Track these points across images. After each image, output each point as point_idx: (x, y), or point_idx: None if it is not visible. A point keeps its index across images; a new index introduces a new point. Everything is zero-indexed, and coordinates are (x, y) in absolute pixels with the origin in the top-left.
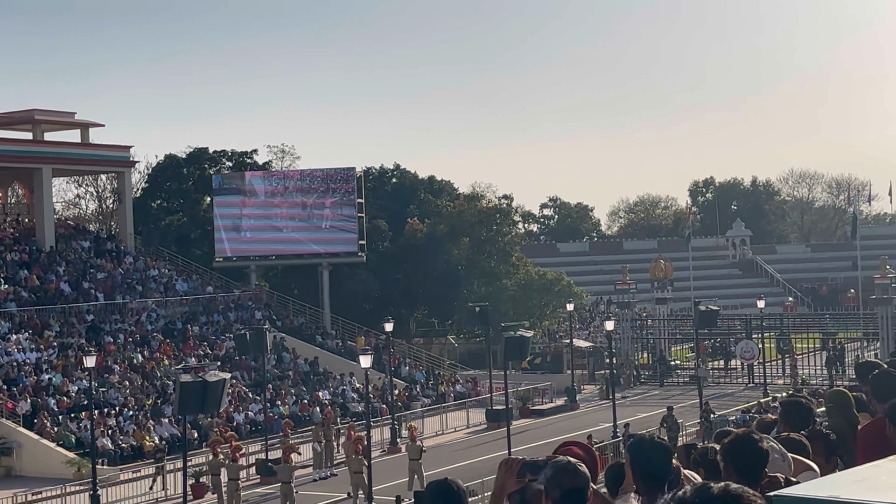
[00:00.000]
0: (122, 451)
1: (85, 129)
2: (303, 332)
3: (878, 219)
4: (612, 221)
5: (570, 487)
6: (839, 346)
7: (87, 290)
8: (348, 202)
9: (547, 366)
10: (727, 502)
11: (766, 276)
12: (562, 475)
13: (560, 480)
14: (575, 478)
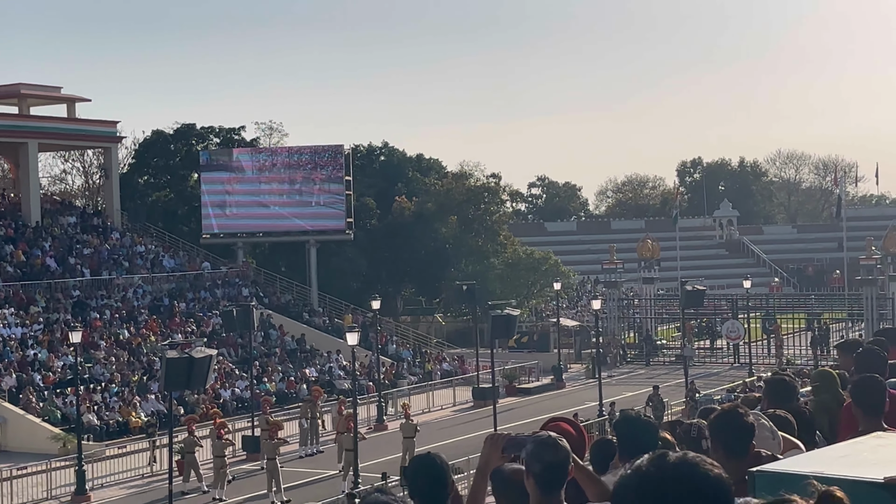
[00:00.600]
0: (107, 426)
1: (71, 104)
2: (290, 309)
3: (864, 200)
4: (600, 201)
5: (550, 462)
6: (824, 326)
7: (74, 265)
8: (336, 179)
9: (533, 344)
10: (683, 471)
11: (753, 256)
12: (541, 450)
13: (540, 455)
14: (555, 452)
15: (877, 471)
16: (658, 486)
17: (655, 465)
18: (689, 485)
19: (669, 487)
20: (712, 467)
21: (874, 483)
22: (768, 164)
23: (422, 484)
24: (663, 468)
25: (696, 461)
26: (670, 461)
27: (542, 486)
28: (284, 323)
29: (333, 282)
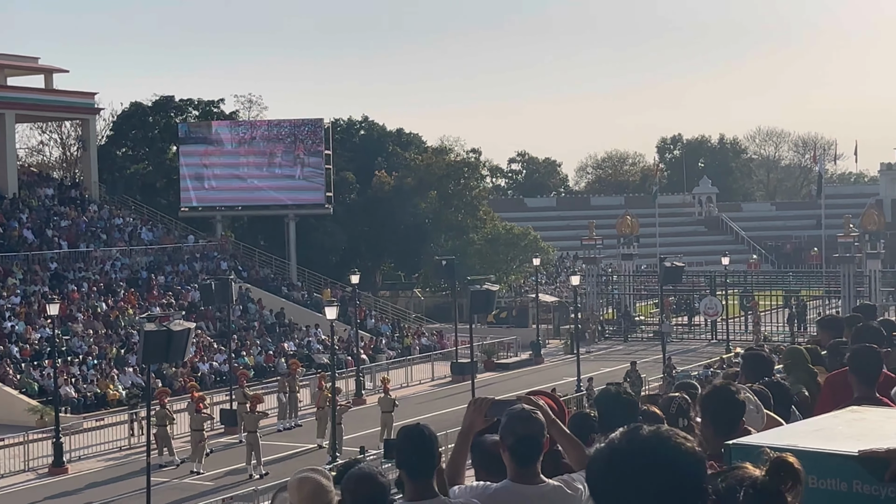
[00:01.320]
0: (85, 399)
1: (49, 75)
2: (268, 283)
3: (843, 178)
4: (580, 177)
5: (524, 434)
6: (802, 303)
7: (51, 237)
8: (316, 153)
9: (512, 320)
10: (655, 444)
11: (732, 233)
12: (515, 422)
13: (513, 428)
14: (528, 425)
15: (851, 444)
16: (630, 460)
17: (628, 438)
18: (661, 458)
19: (641, 460)
20: (685, 441)
21: (848, 456)
22: (748, 141)
23: (410, 454)
24: (635, 441)
25: (668, 435)
26: (643, 434)
27: (516, 459)
28: (263, 297)
29: (312, 256)
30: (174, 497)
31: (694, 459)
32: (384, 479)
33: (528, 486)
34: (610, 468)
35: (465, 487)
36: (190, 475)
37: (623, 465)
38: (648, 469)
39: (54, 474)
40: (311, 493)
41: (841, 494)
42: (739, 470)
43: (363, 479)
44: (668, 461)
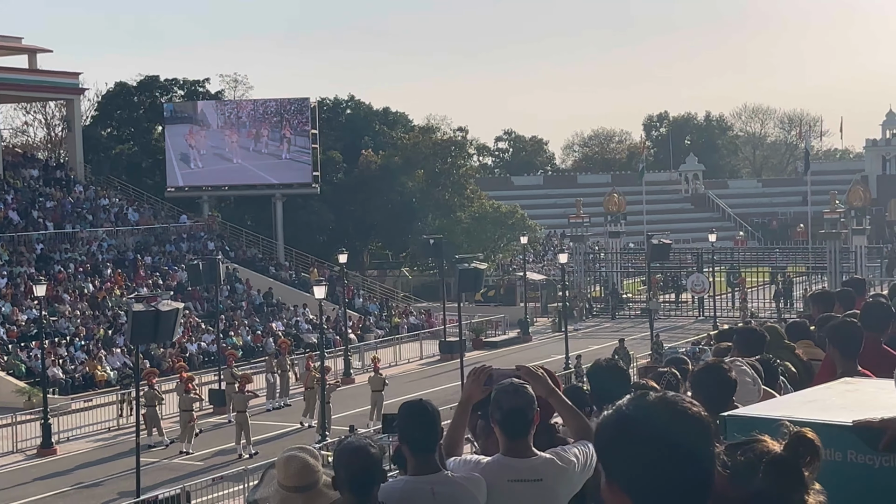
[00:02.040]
0: (73, 380)
1: (32, 55)
2: (256, 263)
3: (829, 154)
4: (567, 155)
5: (510, 408)
6: (788, 279)
7: (37, 218)
8: (302, 133)
9: (500, 298)
10: (661, 409)
11: (718, 210)
12: (502, 396)
13: (500, 402)
14: (514, 398)
15: (845, 414)
16: (637, 425)
17: (635, 403)
18: (669, 422)
19: (648, 425)
20: (691, 405)
21: (843, 426)
22: (734, 118)
23: (412, 429)
24: (642, 407)
25: (675, 399)
26: (649, 400)
27: (506, 433)
28: (251, 277)
29: (300, 236)
30: (164, 477)
31: (701, 423)
32: (376, 450)
33: (519, 459)
34: (618, 434)
35: (459, 460)
36: (179, 455)
37: (631, 431)
38: (656, 434)
39: (43, 455)
40: (298, 471)
41: (836, 464)
42: (759, 444)
43: (356, 451)
44: (675, 425)
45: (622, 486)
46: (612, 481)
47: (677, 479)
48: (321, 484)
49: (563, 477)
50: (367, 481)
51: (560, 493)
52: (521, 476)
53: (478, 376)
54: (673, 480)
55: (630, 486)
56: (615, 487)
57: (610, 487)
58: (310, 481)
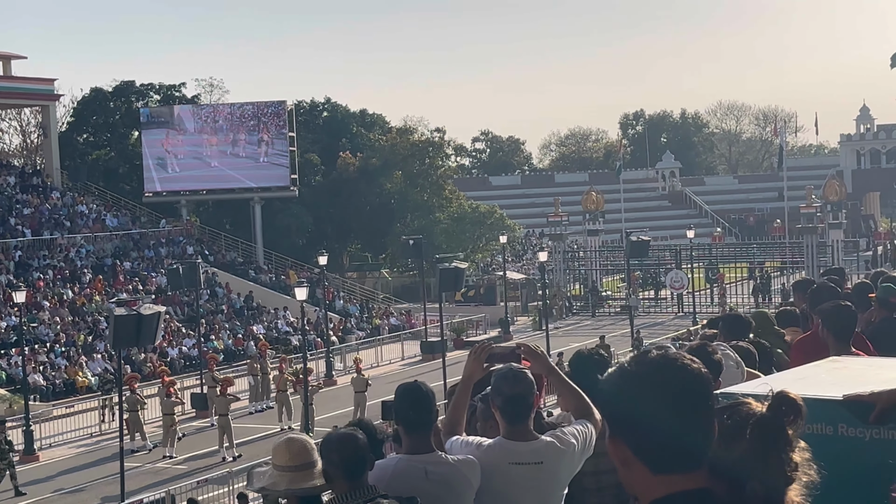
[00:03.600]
0: (54, 387)
1: (7, 61)
2: (235, 266)
3: (804, 150)
4: (544, 155)
5: (511, 394)
6: (766, 274)
7: (14, 226)
8: (280, 136)
9: (480, 298)
10: (662, 365)
11: (695, 207)
12: (502, 382)
13: (501, 388)
14: (515, 384)
15: (835, 390)
16: (639, 380)
17: (636, 361)
18: (669, 377)
19: (648, 381)
20: (691, 362)
21: (833, 401)
22: (709, 115)
23: (407, 409)
24: (643, 363)
25: (675, 356)
26: (650, 356)
27: (507, 417)
28: (230, 281)
29: (279, 239)
30: (147, 481)
31: (701, 378)
32: (363, 437)
33: (520, 442)
34: (620, 390)
35: (461, 441)
36: (163, 459)
37: (632, 386)
38: (657, 388)
39: (25, 462)
40: (300, 450)
41: (827, 438)
42: (744, 406)
43: (344, 438)
44: (675, 380)
45: (625, 441)
46: (615, 436)
47: (678, 433)
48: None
49: (564, 459)
50: (359, 466)
51: (561, 475)
52: (522, 459)
53: (478, 355)
54: (673, 435)
55: (632, 441)
56: (618, 441)
57: (613, 441)
58: (312, 459)
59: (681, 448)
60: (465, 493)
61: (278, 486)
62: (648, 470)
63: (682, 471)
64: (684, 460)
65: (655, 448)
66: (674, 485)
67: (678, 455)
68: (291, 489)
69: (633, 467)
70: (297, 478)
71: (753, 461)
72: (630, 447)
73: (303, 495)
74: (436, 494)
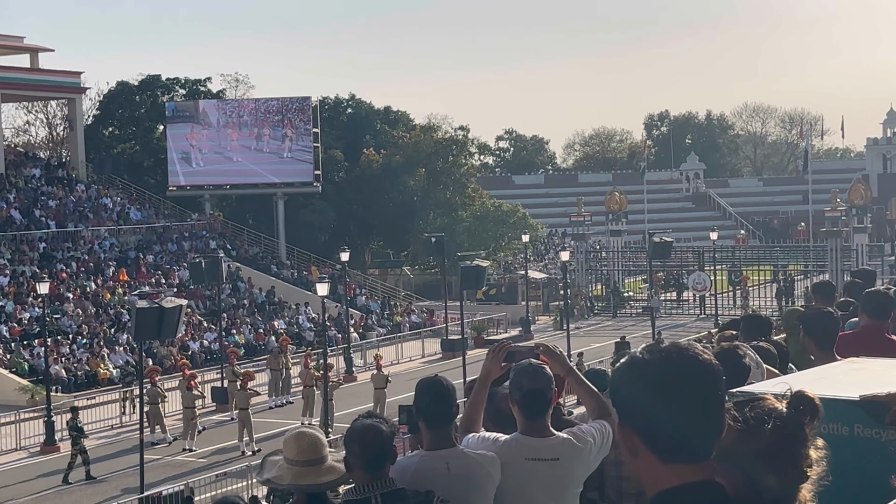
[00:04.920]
0: (76, 378)
1: (34, 54)
2: (258, 261)
3: (829, 153)
4: (568, 154)
5: (530, 388)
6: (789, 277)
7: (39, 217)
8: (304, 132)
9: (502, 297)
10: (673, 354)
11: (719, 209)
12: (521, 377)
13: (520, 382)
14: (534, 378)
15: (852, 390)
16: (648, 368)
17: (647, 350)
18: (679, 366)
19: (659, 369)
20: (702, 352)
21: (850, 401)
22: (735, 117)
23: (428, 403)
24: (655, 352)
25: (686, 346)
26: (662, 346)
27: (524, 412)
28: (252, 275)
29: (301, 234)
30: (167, 474)
31: (712, 369)
32: (387, 429)
33: (537, 438)
34: (630, 377)
35: (478, 437)
36: (182, 452)
37: (642, 374)
38: (666, 378)
39: (46, 453)
40: (310, 445)
41: (843, 438)
42: (764, 401)
43: (368, 429)
44: (685, 369)
45: (634, 429)
46: (625, 424)
47: (686, 422)
48: (330, 459)
49: (580, 457)
50: (380, 458)
51: (577, 472)
52: (539, 455)
53: (497, 353)
54: (683, 425)
55: (641, 429)
56: (627, 430)
57: (622, 430)
58: (321, 455)
59: (689, 437)
60: (486, 486)
61: (283, 479)
62: (657, 459)
63: (690, 460)
64: (692, 450)
65: (663, 436)
66: (682, 475)
67: (686, 444)
68: (295, 484)
69: (641, 456)
70: (302, 473)
71: (771, 456)
72: (638, 435)
73: (307, 491)
74: (458, 488)
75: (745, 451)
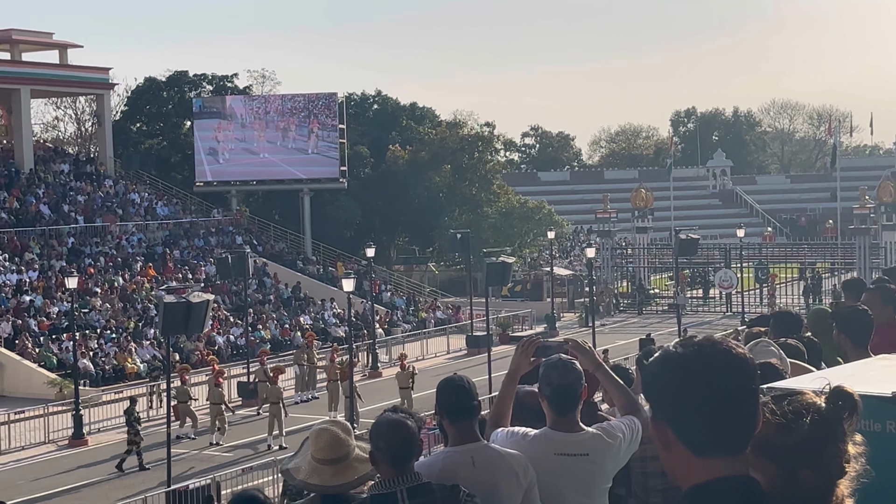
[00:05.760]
0: (103, 372)
1: (63, 50)
2: (284, 257)
3: (858, 150)
4: (594, 151)
5: (559, 384)
6: (816, 275)
7: (67, 212)
8: (330, 127)
9: (527, 293)
10: (706, 348)
11: (746, 206)
12: (551, 372)
13: (549, 378)
14: (564, 374)
15: (885, 386)
16: (681, 362)
17: (680, 345)
18: (712, 360)
19: (690, 362)
20: (735, 346)
21: (882, 397)
22: (762, 114)
23: (449, 398)
24: (688, 346)
25: (719, 340)
26: (695, 341)
27: (554, 408)
28: (278, 271)
29: (327, 230)
30: (194, 468)
31: (745, 363)
32: (414, 424)
33: (567, 433)
34: (662, 371)
35: (507, 432)
36: (209, 447)
37: (675, 369)
38: (699, 372)
39: (74, 446)
40: (328, 444)
41: (875, 434)
42: (803, 395)
43: (395, 424)
44: (717, 363)
45: (667, 422)
46: (658, 417)
47: (719, 415)
48: (352, 458)
49: (610, 452)
50: (406, 454)
51: (606, 467)
52: (568, 450)
53: (526, 348)
54: (716, 418)
55: (673, 422)
56: (660, 424)
57: (655, 423)
58: (340, 454)
59: (722, 431)
60: (511, 483)
61: (300, 473)
62: (690, 452)
63: (724, 454)
64: (726, 443)
65: (696, 429)
66: (716, 469)
67: (719, 437)
68: (305, 482)
69: (674, 450)
70: (318, 470)
71: (808, 451)
72: (672, 428)
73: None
74: (482, 483)
75: (782, 445)
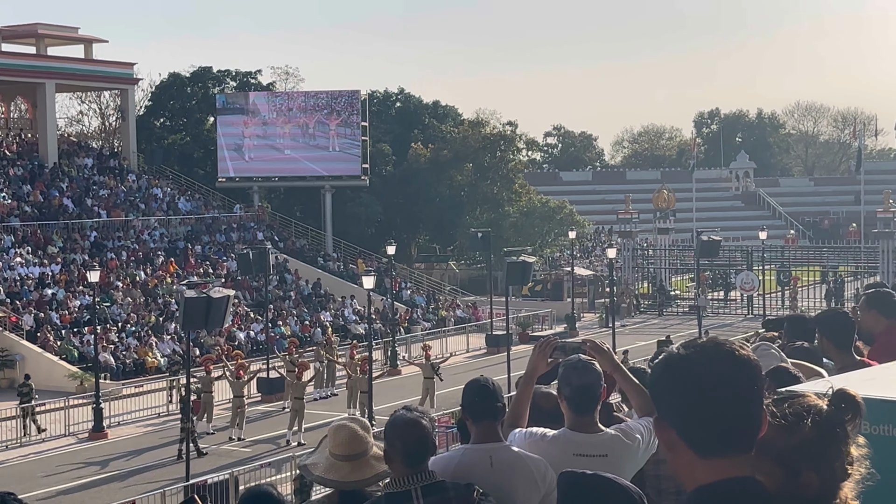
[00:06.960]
0: (124, 366)
1: (88, 45)
2: (305, 254)
3: (883, 153)
4: (616, 151)
5: (578, 385)
6: (839, 279)
7: (90, 206)
8: (352, 125)
9: (547, 293)
10: (709, 349)
11: (769, 208)
12: (570, 373)
13: (568, 378)
14: (584, 374)
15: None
16: (685, 363)
17: (684, 346)
18: (714, 362)
19: (695, 364)
20: (739, 347)
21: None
22: (786, 116)
23: (473, 397)
24: (691, 347)
25: (722, 342)
26: (698, 342)
27: (573, 408)
28: (299, 267)
29: (348, 227)
30: (213, 463)
31: (749, 363)
32: (428, 423)
33: (585, 434)
34: (667, 372)
35: (524, 432)
36: (229, 441)
37: (679, 370)
38: (702, 372)
39: (94, 439)
40: (346, 440)
41: (890, 439)
42: (804, 398)
43: (409, 423)
44: (721, 366)
45: (671, 423)
46: (662, 418)
47: (723, 417)
48: (370, 455)
49: (628, 453)
50: (421, 453)
51: (624, 469)
52: (587, 451)
53: (543, 349)
54: (719, 418)
55: (678, 423)
56: (665, 424)
57: (660, 424)
58: (358, 451)
59: (725, 432)
60: (529, 487)
61: (317, 468)
62: (693, 453)
63: (727, 455)
64: (729, 444)
65: (699, 430)
66: (721, 471)
67: (722, 439)
68: (322, 477)
69: (678, 450)
70: (336, 466)
71: (810, 452)
72: (675, 429)
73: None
74: (500, 483)
75: (784, 447)
